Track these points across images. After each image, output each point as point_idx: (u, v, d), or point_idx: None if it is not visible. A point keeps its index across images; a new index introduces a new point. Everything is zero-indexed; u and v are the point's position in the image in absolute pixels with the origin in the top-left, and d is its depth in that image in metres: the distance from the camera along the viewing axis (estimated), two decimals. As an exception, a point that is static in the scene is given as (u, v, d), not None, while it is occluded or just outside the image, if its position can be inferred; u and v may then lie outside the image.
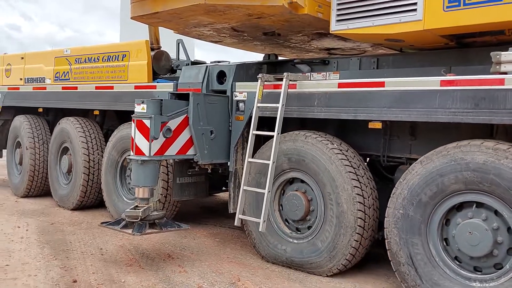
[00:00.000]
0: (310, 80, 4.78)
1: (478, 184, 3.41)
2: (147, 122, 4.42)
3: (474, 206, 3.53)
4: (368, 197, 4.19)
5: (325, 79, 4.94)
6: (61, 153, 7.25)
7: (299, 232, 4.60)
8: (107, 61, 6.61)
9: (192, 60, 6.27)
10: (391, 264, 3.88)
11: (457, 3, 3.59)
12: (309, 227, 4.50)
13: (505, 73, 3.33)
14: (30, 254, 4.74)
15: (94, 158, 6.69)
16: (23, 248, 4.94)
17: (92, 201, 6.83)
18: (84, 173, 6.61)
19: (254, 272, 4.41)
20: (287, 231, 4.65)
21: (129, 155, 4.66)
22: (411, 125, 4.31)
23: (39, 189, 7.71)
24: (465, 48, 4.23)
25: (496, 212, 3.44)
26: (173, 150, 4.70)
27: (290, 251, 4.52)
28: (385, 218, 3.91)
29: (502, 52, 3.35)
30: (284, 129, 4.66)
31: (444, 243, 3.68)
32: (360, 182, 4.17)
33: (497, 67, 3.36)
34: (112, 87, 6.43)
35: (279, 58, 6.86)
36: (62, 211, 6.79)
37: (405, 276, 3.75)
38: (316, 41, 5.91)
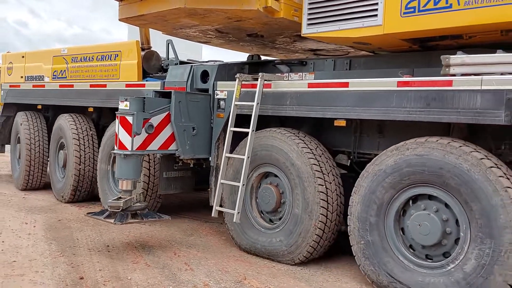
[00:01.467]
0: (285, 80, 5.04)
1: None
2: (129, 118, 4.71)
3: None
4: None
5: (301, 79, 5.20)
6: (59, 149, 7.59)
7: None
8: (101, 60, 6.93)
9: (181, 60, 6.55)
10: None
11: (412, 10, 3.83)
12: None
13: (454, 75, 3.57)
14: (37, 250, 4.78)
15: (85, 153, 7.01)
16: (31, 244, 4.98)
17: (84, 195, 7.15)
18: (75, 168, 6.93)
19: (260, 270, 4.43)
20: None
21: (113, 150, 4.96)
22: (379, 123, 4.54)
23: (36, 182, 8.06)
24: (429, 51, 4.46)
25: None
26: (155, 145, 4.99)
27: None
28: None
29: (451, 56, 3.58)
30: (265, 126, 4.96)
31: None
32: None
33: (447, 69, 3.59)
34: (105, 85, 6.75)
35: (268, 58, 7.16)
36: (70, 208, 6.86)
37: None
38: (300, 42, 6.16)
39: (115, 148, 4.85)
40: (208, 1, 4.75)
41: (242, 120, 5.07)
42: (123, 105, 4.80)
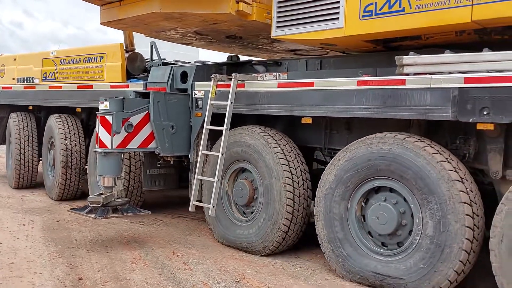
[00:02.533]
0: (258, 80, 5.25)
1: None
2: (109, 118, 4.95)
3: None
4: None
5: (275, 79, 5.42)
6: (50, 148, 7.84)
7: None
8: (87, 62, 7.17)
9: (164, 61, 6.78)
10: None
11: (370, 13, 4.05)
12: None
13: (407, 74, 3.79)
14: (36, 251, 4.77)
15: (72, 152, 7.23)
16: (29, 245, 4.97)
17: (72, 193, 7.37)
18: (62, 167, 7.15)
19: (259, 269, 4.45)
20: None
21: (94, 148, 5.19)
22: (347, 120, 4.76)
23: (27, 181, 8.29)
24: (392, 51, 4.68)
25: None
26: (135, 143, 5.22)
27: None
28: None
29: (404, 56, 3.80)
30: (242, 124, 5.19)
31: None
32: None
33: (401, 69, 3.81)
34: (91, 86, 6.98)
35: (253, 58, 7.39)
36: (67, 209, 6.66)
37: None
38: (278, 43, 6.38)
39: (96, 146, 5.08)
40: (183, 6, 4.97)
41: (221, 119, 5.30)
42: (103, 106, 5.03)
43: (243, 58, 7.82)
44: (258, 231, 4.80)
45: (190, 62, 6.99)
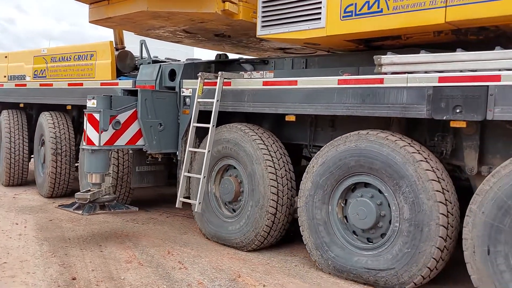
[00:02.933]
0: (244, 78, 5.35)
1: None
2: (96, 115, 5.03)
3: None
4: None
5: (262, 77, 5.52)
6: (41, 145, 7.90)
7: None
8: (78, 60, 7.24)
9: (153, 59, 6.86)
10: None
11: (350, 14, 4.16)
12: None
13: (385, 73, 3.90)
14: (29, 251, 4.74)
15: (62, 150, 7.29)
16: (21, 245, 4.94)
17: (62, 190, 7.43)
18: (52, 166, 7.22)
19: (254, 268, 4.44)
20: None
21: (82, 145, 5.28)
22: (331, 118, 4.87)
23: (18, 179, 8.34)
24: (375, 50, 4.78)
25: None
26: (122, 140, 5.30)
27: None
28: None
29: (382, 56, 3.91)
30: (231, 122, 5.28)
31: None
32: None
33: (379, 68, 3.92)
34: (81, 84, 7.05)
35: (244, 56, 7.47)
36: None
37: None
38: (266, 42, 6.47)
39: (83, 143, 5.17)
40: (169, 5, 5.05)
41: (209, 116, 5.37)
42: (90, 103, 5.12)
43: (233, 56, 7.94)
44: (243, 228, 4.90)
45: (179, 60, 7.08)
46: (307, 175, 4.43)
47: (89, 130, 5.08)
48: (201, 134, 5.40)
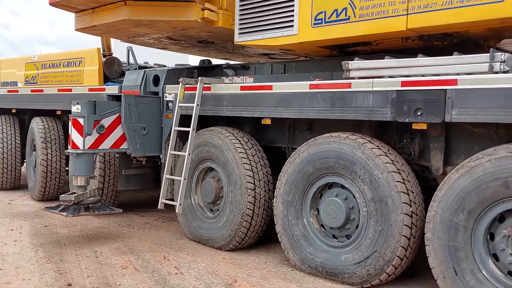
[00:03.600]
0: (223, 83, 5.51)
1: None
2: (81, 120, 5.19)
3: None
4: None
5: (242, 82, 5.68)
6: (32, 150, 8.06)
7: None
8: (67, 66, 7.41)
9: (139, 65, 7.03)
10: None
11: (320, 21, 4.33)
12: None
13: (353, 78, 4.06)
14: (24, 257, 4.73)
15: (52, 155, 7.45)
16: (17, 251, 4.93)
17: (53, 194, 7.58)
18: (42, 169, 7.37)
19: (250, 272, 4.45)
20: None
21: (67, 150, 5.43)
22: (308, 121, 5.02)
23: (10, 183, 8.49)
24: (348, 56, 4.94)
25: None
26: (106, 144, 5.46)
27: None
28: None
29: (349, 61, 4.08)
30: (213, 125, 5.44)
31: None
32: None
33: (347, 73, 4.08)
34: (70, 90, 7.22)
35: (235, 62, 7.64)
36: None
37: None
38: (250, 47, 6.64)
39: (69, 147, 5.33)
40: (150, 13, 5.22)
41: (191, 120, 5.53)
42: (75, 108, 5.28)
43: (220, 61, 8.11)
44: (226, 221, 5.02)
45: (165, 65, 7.25)
46: (277, 199, 4.60)
47: (74, 134, 5.24)
48: (184, 137, 5.55)
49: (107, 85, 6.84)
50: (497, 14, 3.32)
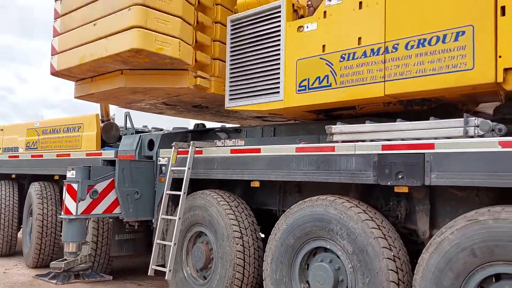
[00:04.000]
0: (214, 146, 5.63)
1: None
2: (75, 185, 5.28)
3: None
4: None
5: (234, 145, 5.80)
6: (29, 215, 8.09)
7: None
8: (66, 132, 7.63)
9: (136, 129, 7.23)
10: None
11: (304, 88, 4.51)
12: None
13: (336, 141, 4.16)
14: None
15: (48, 221, 7.45)
16: None
17: (47, 260, 7.41)
18: (37, 237, 7.35)
19: None
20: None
21: (60, 215, 5.48)
22: (297, 183, 5.08)
23: (6, 249, 8.44)
24: (333, 119, 5.09)
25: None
26: (99, 209, 5.51)
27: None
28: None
29: (333, 126, 4.20)
30: (205, 188, 5.50)
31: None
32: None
33: (331, 137, 4.19)
34: (69, 155, 7.37)
35: (230, 125, 7.84)
36: (51, 285, 6.13)
37: None
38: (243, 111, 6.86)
39: (62, 213, 5.37)
40: (145, 82, 5.46)
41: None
42: (70, 174, 5.39)
43: (216, 124, 8.32)
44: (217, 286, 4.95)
45: (163, 129, 7.44)
46: (266, 281, 4.52)
47: (67, 200, 5.31)
48: (176, 201, 5.57)
49: (104, 149, 6.99)
50: (467, 81, 3.47)
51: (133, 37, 4.67)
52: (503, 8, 3.35)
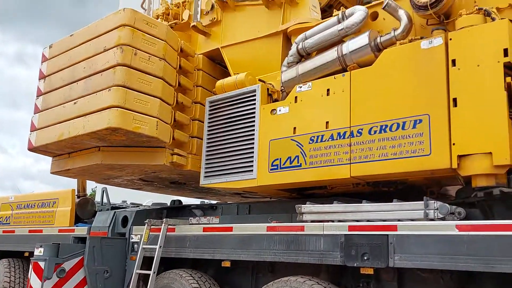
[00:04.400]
0: (187, 224, 5.61)
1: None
2: (41, 263, 5.13)
3: None
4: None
5: (209, 223, 5.79)
6: (-5, 294, 7.73)
7: None
8: (41, 207, 7.53)
9: (113, 205, 7.19)
10: None
11: (276, 167, 4.65)
12: None
13: (306, 221, 4.21)
14: None
15: None
16: None
17: None
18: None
19: None
20: None
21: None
22: (270, 263, 5.02)
23: None
24: (307, 198, 5.17)
25: None
26: (66, 288, 5.32)
27: None
28: None
29: (302, 205, 4.28)
30: (178, 267, 5.37)
31: None
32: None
33: (301, 216, 4.25)
34: (41, 231, 7.22)
35: (211, 201, 7.86)
36: None
37: None
38: (220, 188, 6.91)
39: (25, 293, 5.17)
40: (121, 158, 5.55)
41: (160, 262, 5.47)
42: (37, 251, 5.26)
43: (195, 201, 8.33)
44: None
45: (141, 204, 7.42)
46: None
47: (33, 279, 5.13)
48: (147, 281, 5.43)
49: (77, 226, 6.89)
50: (425, 166, 3.64)
51: (111, 116, 4.83)
52: (454, 99, 3.62)
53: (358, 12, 4.61)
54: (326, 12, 6.01)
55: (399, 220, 3.62)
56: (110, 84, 4.95)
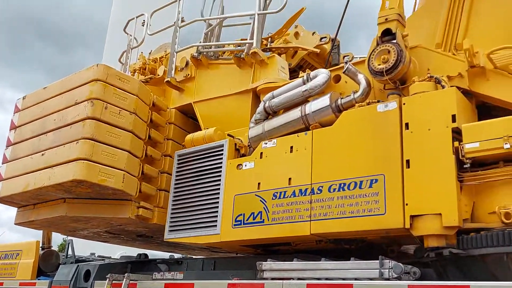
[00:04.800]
0: (151, 279, 5.50)
1: None
2: (-6, 320, 4.92)
3: None
4: None
5: (173, 278, 5.68)
6: None
7: None
8: (4, 258, 7.30)
9: (78, 258, 7.00)
10: None
11: (239, 223, 4.67)
12: None
13: (266, 278, 4.19)
14: None
15: None
16: None
17: None
18: None
19: None
20: None
21: None
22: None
23: None
24: (272, 255, 5.16)
25: None
26: None
27: None
28: None
29: (263, 262, 4.27)
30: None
31: None
32: None
33: (261, 273, 4.23)
34: (2, 283, 6.96)
35: (179, 254, 7.72)
36: None
37: None
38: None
39: None
40: (87, 211, 5.49)
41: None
42: (-9, 307, 5.05)
43: (163, 254, 8.18)
44: None
45: (110, 257, 7.24)
46: None
47: (-18, 336, 4.89)
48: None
49: (39, 279, 6.67)
50: (380, 225, 3.72)
51: (76, 168, 4.84)
52: (408, 161, 3.77)
53: (321, 75, 4.84)
54: (295, 72, 6.30)
55: (355, 279, 3.64)
56: (78, 137, 5.00)
